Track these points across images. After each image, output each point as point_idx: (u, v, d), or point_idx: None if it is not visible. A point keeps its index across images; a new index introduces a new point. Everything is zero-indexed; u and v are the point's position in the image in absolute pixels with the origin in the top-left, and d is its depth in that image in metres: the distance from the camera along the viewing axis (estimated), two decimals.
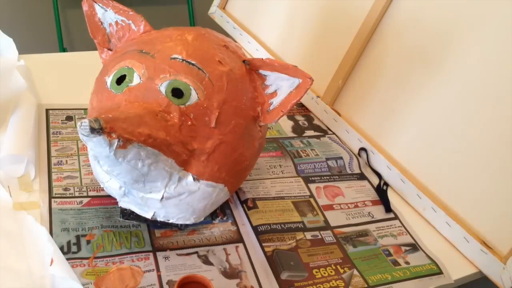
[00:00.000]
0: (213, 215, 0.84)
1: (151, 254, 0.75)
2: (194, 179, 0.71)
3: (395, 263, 0.81)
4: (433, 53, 0.93)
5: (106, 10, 0.80)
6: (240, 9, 1.39)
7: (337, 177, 0.98)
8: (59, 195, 0.82)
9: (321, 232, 0.85)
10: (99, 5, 0.80)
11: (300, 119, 1.14)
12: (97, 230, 0.77)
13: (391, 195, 0.96)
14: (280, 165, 0.98)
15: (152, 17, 0.94)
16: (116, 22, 0.80)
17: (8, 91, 0.98)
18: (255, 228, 0.82)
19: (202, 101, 0.68)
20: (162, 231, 0.79)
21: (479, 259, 0.83)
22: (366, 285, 0.76)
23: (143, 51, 0.71)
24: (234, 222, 0.84)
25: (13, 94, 0.97)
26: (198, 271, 0.74)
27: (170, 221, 0.77)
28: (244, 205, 0.87)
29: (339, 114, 1.09)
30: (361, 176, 1.00)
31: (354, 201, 0.93)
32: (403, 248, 0.85)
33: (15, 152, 0.84)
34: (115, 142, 0.62)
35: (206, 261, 0.76)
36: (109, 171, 0.69)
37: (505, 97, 0.82)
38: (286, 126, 1.11)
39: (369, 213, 0.91)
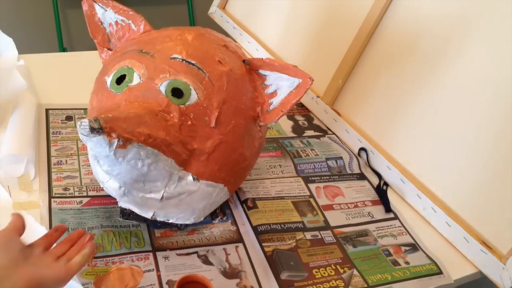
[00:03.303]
0: (213, 215, 0.84)
1: (151, 254, 0.75)
2: (194, 179, 0.71)
3: (395, 263, 0.81)
4: (433, 53, 0.93)
5: (106, 10, 0.80)
6: (240, 9, 1.39)
7: (337, 177, 0.98)
8: (59, 195, 0.82)
9: (321, 232, 0.85)
10: (99, 5, 0.80)
11: (300, 119, 1.14)
12: (97, 230, 0.77)
13: (391, 195, 0.96)
14: (280, 165, 0.98)
15: (152, 17, 0.94)
16: (116, 22, 0.80)
17: (8, 91, 0.98)
18: (255, 228, 0.82)
19: (202, 101, 0.68)
20: (162, 231, 0.79)
21: (479, 259, 0.83)
22: (366, 285, 0.76)
23: (143, 51, 0.71)
24: (234, 222, 0.84)
25: (13, 94, 0.97)
26: (198, 271, 0.74)
27: (170, 221, 0.77)
28: (244, 205, 0.87)
29: (339, 114, 1.09)
30: (361, 176, 1.00)
31: (354, 201, 0.93)
32: (403, 248, 0.85)
33: (15, 152, 0.84)
34: (115, 141, 0.62)
35: (206, 261, 0.76)
36: (109, 171, 0.69)
37: (505, 97, 0.82)
38: (286, 126, 1.11)
39: (369, 213, 0.91)
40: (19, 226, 0.60)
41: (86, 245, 0.63)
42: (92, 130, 0.60)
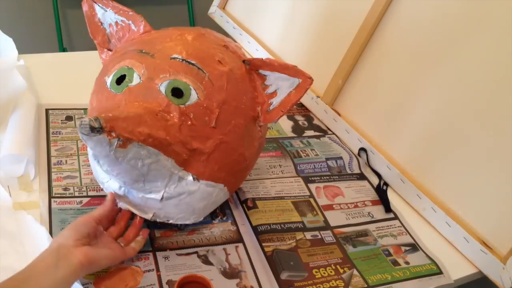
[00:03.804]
0: (213, 215, 0.84)
1: (151, 254, 0.75)
2: (194, 179, 0.71)
3: (395, 263, 0.81)
4: (433, 53, 0.93)
5: (106, 11, 0.80)
6: (240, 9, 1.39)
7: (337, 177, 0.98)
8: (59, 195, 0.82)
9: (321, 232, 0.85)
10: (99, 6, 0.80)
11: (300, 119, 1.14)
12: None
13: (391, 195, 0.96)
14: (280, 165, 0.98)
15: (152, 17, 0.94)
16: (116, 23, 0.80)
17: (8, 91, 0.98)
18: (255, 228, 0.82)
19: (202, 101, 0.68)
20: (162, 231, 0.79)
21: (479, 259, 0.83)
22: (366, 285, 0.76)
23: (143, 51, 0.71)
24: (234, 222, 0.84)
25: (13, 94, 0.97)
26: (198, 271, 0.74)
27: (170, 221, 0.77)
28: (244, 205, 0.87)
29: (339, 114, 1.09)
30: (361, 176, 1.00)
31: (354, 201, 0.93)
32: (403, 248, 0.85)
33: (15, 152, 0.84)
34: (115, 141, 0.62)
35: (206, 261, 0.76)
36: (109, 170, 0.69)
37: (505, 97, 0.82)
38: (286, 126, 1.11)
39: (369, 213, 0.91)
40: (101, 215, 0.71)
41: (141, 232, 0.75)
42: (93, 129, 0.60)
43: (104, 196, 0.81)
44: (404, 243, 0.86)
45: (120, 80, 0.70)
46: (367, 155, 1.02)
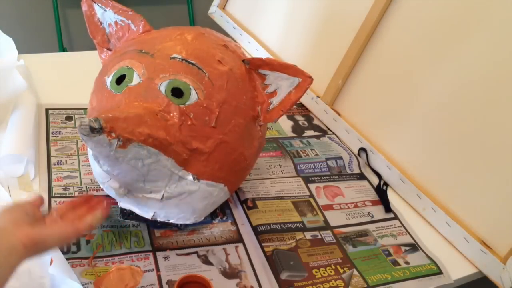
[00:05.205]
0: (213, 215, 0.84)
1: (150, 254, 0.75)
2: (194, 178, 0.71)
3: (395, 263, 0.81)
4: (432, 53, 0.93)
5: (106, 10, 0.80)
6: (240, 9, 1.39)
7: (337, 177, 0.98)
8: (59, 195, 0.82)
9: (321, 232, 0.85)
10: (98, 5, 0.80)
11: (300, 119, 1.14)
12: (97, 230, 0.77)
13: (391, 195, 0.96)
14: (280, 165, 0.98)
15: (152, 17, 0.94)
16: (116, 22, 0.80)
17: (8, 91, 0.98)
18: (254, 228, 0.82)
19: (202, 101, 0.68)
20: (162, 231, 0.79)
21: (479, 259, 0.83)
22: (365, 285, 0.76)
23: (143, 50, 0.71)
24: (234, 222, 0.84)
25: (13, 94, 0.97)
26: (198, 271, 0.74)
27: (171, 221, 0.77)
28: (244, 205, 0.87)
29: (339, 114, 1.09)
30: (361, 176, 1.00)
31: (354, 201, 0.93)
32: (403, 248, 0.85)
33: (15, 152, 0.84)
34: (115, 141, 0.62)
35: (206, 261, 0.76)
36: (109, 171, 0.69)
37: (505, 98, 0.82)
38: (286, 126, 1.11)
39: (368, 213, 0.91)
40: (35, 199, 0.61)
41: (101, 208, 0.63)
42: (92, 130, 0.60)
43: (104, 196, 0.82)
44: (404, 243, 0.86)
45: (120, 80, 0.70)
46: (367, 155, 1.02)
